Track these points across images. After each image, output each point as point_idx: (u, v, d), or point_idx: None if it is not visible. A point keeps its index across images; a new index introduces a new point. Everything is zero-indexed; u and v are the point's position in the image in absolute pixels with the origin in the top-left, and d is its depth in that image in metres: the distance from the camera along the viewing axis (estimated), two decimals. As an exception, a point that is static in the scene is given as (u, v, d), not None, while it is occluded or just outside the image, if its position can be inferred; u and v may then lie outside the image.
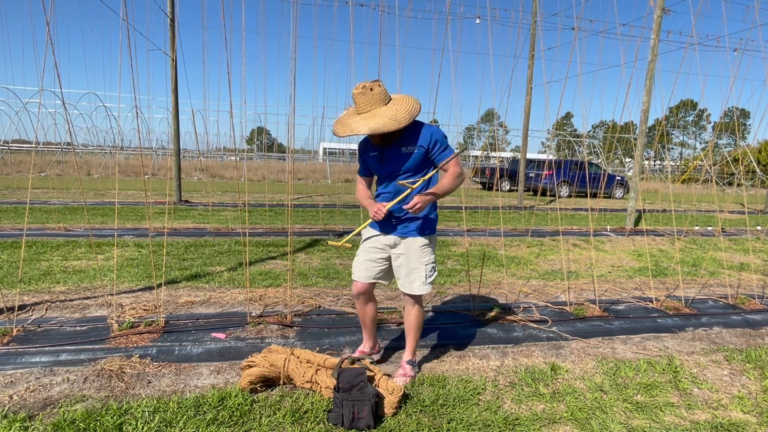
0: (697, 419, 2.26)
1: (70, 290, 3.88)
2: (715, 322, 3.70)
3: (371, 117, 2.16)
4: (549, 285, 4.69)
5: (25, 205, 8.70)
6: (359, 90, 2.17)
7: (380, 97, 2.19)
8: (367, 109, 2.19)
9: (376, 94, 2.18)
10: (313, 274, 4.68)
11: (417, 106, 2.22)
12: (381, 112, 2.16)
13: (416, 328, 2.52)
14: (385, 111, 2.17)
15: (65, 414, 2.04)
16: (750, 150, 25.87)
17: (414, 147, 2.26)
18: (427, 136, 2.25)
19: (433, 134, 2.26)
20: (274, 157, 32.24)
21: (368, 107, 2.18)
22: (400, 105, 2.20)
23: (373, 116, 2.15)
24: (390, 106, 2.20)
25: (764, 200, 14.87)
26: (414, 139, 2.25)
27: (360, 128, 2.13)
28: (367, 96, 2.17)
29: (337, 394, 2.08)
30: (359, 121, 2.17)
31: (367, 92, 2.16)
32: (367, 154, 2.40)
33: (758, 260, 6.42)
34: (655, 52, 8.18)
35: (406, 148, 2.26)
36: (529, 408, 2.29)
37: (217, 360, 2.68)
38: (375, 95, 2.17)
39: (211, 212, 8.96)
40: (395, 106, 2.20)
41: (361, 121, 2.17)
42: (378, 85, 2.19)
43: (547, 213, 11.19)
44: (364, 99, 2.18)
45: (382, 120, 2.13)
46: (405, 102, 2.23)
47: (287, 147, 7.26)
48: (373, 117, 2.15)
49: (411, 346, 2.56)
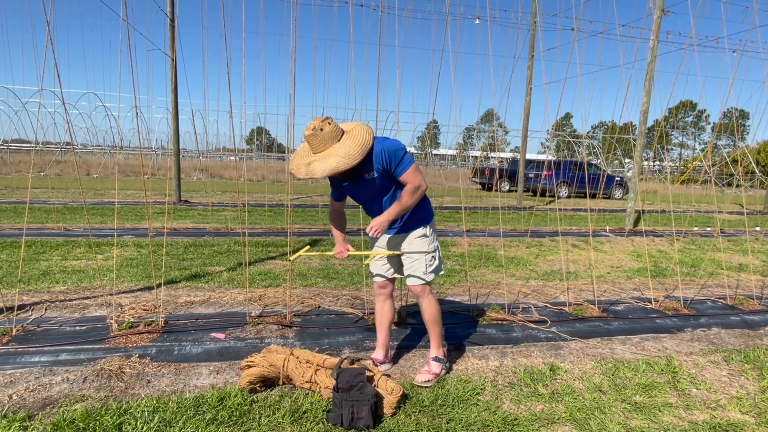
0: (696, 419, 2.26)
1: (69, 290, 3.88)
2: (714, 323, 3.71)
3: (326, 157, 2.17)
4: (548, 285, 4.70)
5: (25, 205, 8.69)
6: (310, 132, 2.18)
7: (331, 135, 2.19)
8: (321, 149, 2.20)
9: (327, 133, 2.18)
10: (312, 275, 4.69)
11: (369, 137, 2.22)
12: (335, 151, 2.17)
13: (434, 322, 2.54)
14: (338, 149, 2.17)
15: (65, 414, 2.04)
16: (749, 151, 25.91)
17: (373, 171, 2.29)
18: (379, 156, 2.25)
19: (383, 151, 2.24)
20: (273, 157, 32.24)
21: (322, 147, 2.19)
22: (352, 140, 2.20)
23: (327, 156, 2.17)
24: (343, 142, 2.20)
25: (763, 201, 14.90)
26: (370, 164, 2.26)
27: (317, 171, 2.15)
28: (319, 137, 2.17)
29: (336, 394, 2.08)
30: (315, 164, 2.18)
31: (318, 133, 2.17)
32: (340, 182, 2.43)
33: (757, 261, 6.43)
34: (655, 53, 8.19)
35: (368, 175, 2.30)
36: (528, 408, 2.30)
37: (216, 360, 2.68)
38: (326, 135, 2.18)
39: (211, 212, 8.96)
40: (348, 141, 2.20)
41: (317, 163, 2.18)
42: (328, 123, 2.19)
43: (546, 213, 11.20)
44: (316, 140, 2.18)
45: (336, 160, 2.14)
46: (357, 135, 2.22)
47: (287, 147, 7.28)
48: (328, 157, 2.16)
49: (434, 341, 2.58)
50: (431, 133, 43.86)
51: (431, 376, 2.47)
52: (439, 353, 2.57)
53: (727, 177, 27.06)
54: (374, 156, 2.24)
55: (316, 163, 2.17)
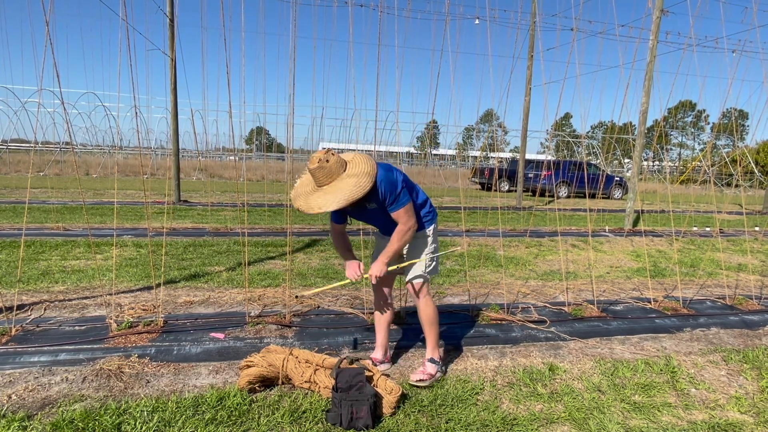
0: (695, 419, 2.27)
1: (68, 290, 3.88)
2: (713, 323, 3.72)
3: (336, 190, 2.15)
4: (547, 285, 4.70)
5: (24, 205, 8.69)
6: (316, 165, 2.15)
7: (337, 166, 2.18)
8: (327, 181, 2.18)
9: (333, 164, 2.16)
10: (311, 274, 4.69)
11: (373, 166, 2.22)
12: (343, 183, 2.16)
13: (430, 323, 2.54)
14: (347, 180, 2.16)
15: (64, 414, 2.04)
16: (748, 151, 25.93)
17: (374, 203, 2.30)
18: (379, 192, 2.24)
19: (381, 188, 2.24)
20: (273, 157, 32.24)
21: (328, 179, 2.17)
22: (358, 169, 2.19)
23: (337, 189, 2.15)
24: (349, 172, 2.19)
25: (762, 201, 14.91)
26: (373, 196, 2.26)
27: (329, 205, 2.13)
28: (325, 169, 2.16)
29: (335, 394, 2.08)
30: (324, 197, 2.16)
31: (324, 165, 2.15)
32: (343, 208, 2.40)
33: (756, 261, 6.43)
34: (654, 53, 8.20)
35: (369, 204, 2.32)
36: (527, 408, 2.30)
37: (215, 360, 2.68)
38: (332, 166, 2.16)
39: (210, 212, 8.96)
40: (354, 171, 2.19)
41: (326, 196, 2.15)
42: (332, 155, 2.18)
43: (545, 213, 11.20)
44: (322, 173, 2.17)
45: (347, 191, 2.13)
46: (361, 164, 2.22)
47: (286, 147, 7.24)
48: (337, 190, 2.14)
49: (430, 343, 2.57)
50: (431, 133, 43.88)
51: (425, 377, 2.46)
52: (434, 355, 2.56)
53: (727, 177, 27.08)
54: (376, 190, 2.23)
55: (327, 195, 2.15)
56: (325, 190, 2.18)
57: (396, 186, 2.25)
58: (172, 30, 9.54)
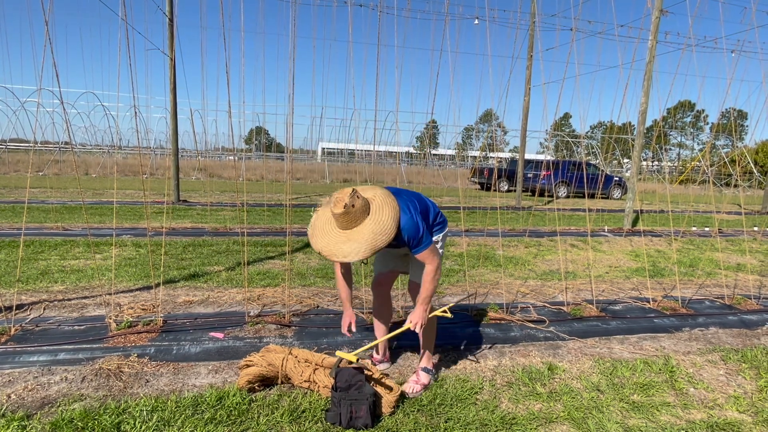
0: (693, 419, 2.27)
1: (68, 289, 3.88)
2: (712, 323, 3.72)
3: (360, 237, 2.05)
4: (547, 285, 4.71)
5: (23, 205, 8.68)
6: (342, 210, 2.04)
7: (362, 209, 2.08)
8: (352, 225, 2.08)
9: (359, 209, 2.07)
10: (311, 274, 4.69)
11: (396, 209, 2.15)
12: (368, 230, 2.06)
13: (427, 330, 2.46)
14: (371, 227, 2.07)
15: (63, 413, 2.04)
16: (747, 151, 25.96)
17: (395, 241, 2.21)
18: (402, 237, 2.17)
19: (405, 231, 2.16)
20: (272, 157, 32.22)
21: (353, 223, 2.08)
22: (383, 214, 2.11)
23: (361, 235, 2.06)
24: (373, 217, 2.10)
25: (761, 201, 14.93)
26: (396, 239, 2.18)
27: (355, 255, 2.04)
28: (351, 214, 2.06)
29: (334, 393, 2.08)
30: (349, 245, 2.06)
31: (350, 210, 2.05)
32: None
33: (755, 261, 6.44)
34: (653, 53, 8.21)
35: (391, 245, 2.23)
36: (527, 407, 2.30)
37: (215, 359, 2.69)
38: (358, 211, 2.06)
39: (210, 212, 8.96)
40: (379, 215, 2.10)
41: (350, 244, 2.06)
42: (357, 198, 2.07)
43: (545, 213, 11.21)
44: (348, 218, 2.06)
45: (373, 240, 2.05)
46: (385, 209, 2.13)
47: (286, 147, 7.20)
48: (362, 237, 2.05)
49: (426, 351, 2.51)
50: (430, 133, 43.87)
51: (419, 387, 2.40)
52: (428, 364, 2.51)
53: (726, 177, 27.11)
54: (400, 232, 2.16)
55: (352, 243, 2.06)
56: (348, 236, 2.08)
57: (418, 229, 2.18)
58: (172, 30, 9.54)
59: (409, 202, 2.25)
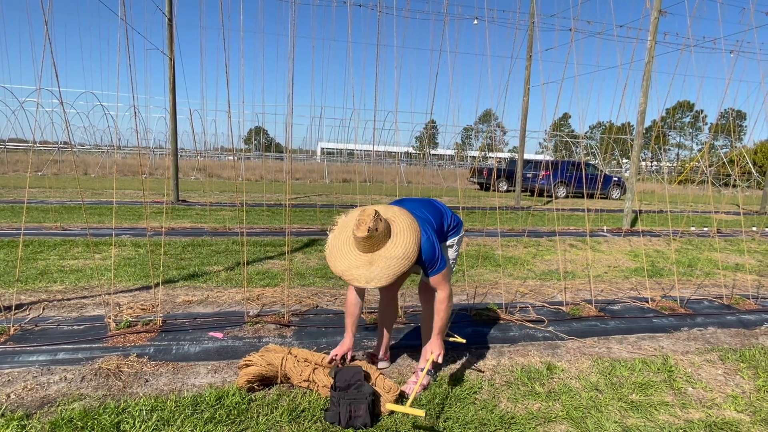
0: (692, 418, 2.28)
1: (67, 289, 3.88)
2: (710, 322, 3.73)
3: (382, 261, 2.02)
4: (546, 285, 4.71)
5: (22, 204, 8.67)
6: (365, 234, 1.99)
7: (384, 234, 2.05)
8: (374, 249, 2.05)
9: (381, 233, 2.03)
10: (310, 274, 4.69)
11: (418, 231, 2.12)
12: (390, 254, 2.03)
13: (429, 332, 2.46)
14: (393, 251, 2.03)
15: (63, 412, 2.05)
16: (746, 151, 26.00)
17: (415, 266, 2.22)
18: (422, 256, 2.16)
19: (423, 256, 2.15)
20: (272, 157, 32.22)
21: (375, 247, 2.04)
22: (405, 238, 2.08)
23: (383, 260, 2.03)
24: (395, 239, 2.07)
25: (760, 201, 14.95)
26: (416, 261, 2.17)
27: (378, 281, 2.01)
28: (374, 238, 2.02)
29: (333, 392, 2.09)
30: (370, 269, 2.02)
31: (374, 234, 2.01)
32: None
33: (753, 261, 6.46)
34: (652, 53, 8.22)
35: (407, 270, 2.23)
36: (525, 407, 2.31)
37: (214, 359, 2.69)
38: (381, 234, 2.02)
39: (209, 212, 8.96)
40: (400, 239, 2.07)
41: (372, 268, 2.02)
42: (380, 221, 2.03)
43: (544, 213, 11.22)
44: (370, 243, 2.03)
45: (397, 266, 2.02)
46: (407, 232, 2.10)
47: (285, 147, 7.20)
48: (384, 262, 2.02)
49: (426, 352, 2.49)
50: (429, 133, 43.89)
51: (419, 388, 2.39)
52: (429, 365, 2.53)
53: (724, 177, 27.14)
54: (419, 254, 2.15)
55: (374, 268, 2.03)
56: (370, 259, 2.04)
57: (435, 251, 2.16)
58: (171, 30, 9.54)
59: (426, 223, 2.22)
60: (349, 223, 2.19)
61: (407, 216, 2.18)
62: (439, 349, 2.26)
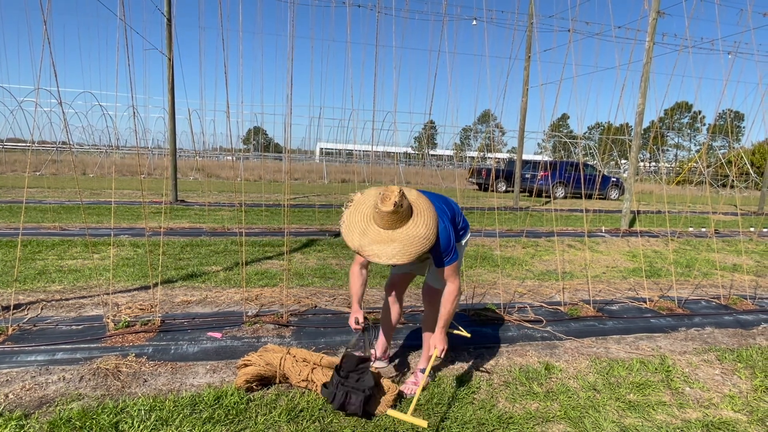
0: (689, 418, 2.29)
1: (65, 289, 3.88)
2: (708, 323, 3.74)
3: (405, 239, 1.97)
4: (544, 285, 4.72)
5: (21, 204, 8.66)
6: (391, 209, 1.94)
7: (408, 211, 2.01)
8: (395, 227, 2.00)
9: (406, 210, 1.99)
10: (309, 274, 4.70)
11: (436, 214, 2.09)
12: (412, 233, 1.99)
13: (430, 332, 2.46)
14: (415, 231, 1.99)
15: (61, 412, 2.05)
16: (744, 152, 26.06)
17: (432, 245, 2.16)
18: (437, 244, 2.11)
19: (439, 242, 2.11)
20: (270, 157, 32.20)
21: (397, 224, 2.00)
22: (426, 217, 2.04)
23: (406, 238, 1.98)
24: (416, 219, 2.03)
25: (757, 202, 14.99)
26: None
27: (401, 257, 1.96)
28: (399, 214, 1.97)
29: (336, 375, 2.10)
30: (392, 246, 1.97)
31: (399, 210, 1.96)
32: None
33: (751, 261, 6.47)
34: (650, 54, 8.24)
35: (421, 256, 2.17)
36: (523, 407, 2.31)
37: (213, 359, 2.69)
38: (405, 211, 1.99)
39: (208, 212, 8.95)
40: (420, 220, 2.03)
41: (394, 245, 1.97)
42: (403, 197, 2.00)
43: (542, 214, 11.23)
44: (395, 218, 1.98)
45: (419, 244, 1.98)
46: (427, 213, 2.07)
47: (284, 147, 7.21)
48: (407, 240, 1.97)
49: (427, 354, 2.50)
50: (428, 134, 43.91)
51: (416, 388, 2.37)
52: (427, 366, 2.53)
53: (722, 178, 27.20)
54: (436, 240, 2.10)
55: (396, 245, 1.98)
56: (391, 236, 1.99)
57: (450, 240, 2.14)
58: (170, 30, 9.53)
59: (443, 213, 2.20)
60: (366, 200, 2.13)
61: (427, 200, 2.15)
62: (443, 343, 2.23)
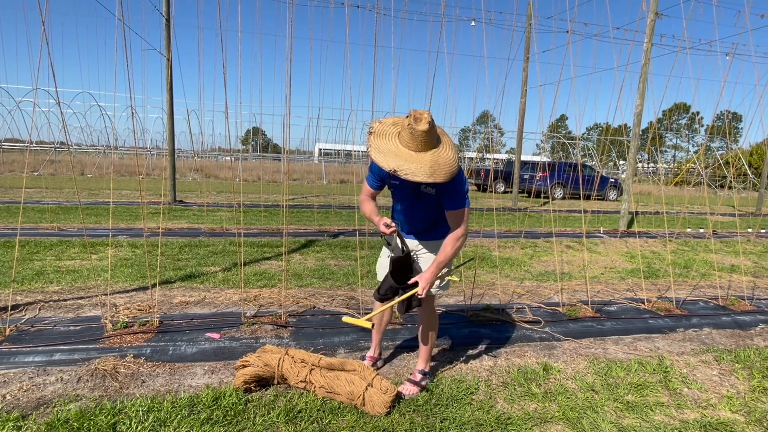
0: (687, 418, 2.29)
1: (63, 290, 3.87)
2: (706, 323, 3.75)
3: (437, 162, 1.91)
4: (542, 286, 4.73)
5: (19, 205, 8.64)
6: (426, 128, 1.88)
7: (436, 134, 1.96)
8: (425, 149, 1.93)
9: (435, 132, 1.94)
10: (307, 275, 4.69)
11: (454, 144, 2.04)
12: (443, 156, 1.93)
13: (429, 335, 2.45)
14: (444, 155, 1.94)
15: (59, 413, 2.04)
16: (741, 153, 26.13)
17: (433, 189, 2.13)
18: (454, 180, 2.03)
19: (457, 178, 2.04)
20: (269, 158, 32.17)
21: (427, 147, 1.93)
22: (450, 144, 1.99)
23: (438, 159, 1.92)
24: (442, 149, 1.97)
25: (755, 203, 15.03)
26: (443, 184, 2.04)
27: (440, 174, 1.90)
28: (430, 134, 1.91)
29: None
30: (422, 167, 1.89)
31: (433, 129, 1.91)
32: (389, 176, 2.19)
33: (748, 262, 6.49)
34: (648, 55, 8.26)
35: (424, 188, 2.15)
36: (522, 407, 2.32)
37: (211, 360, 2.69)
38: (435, 133, 1.94)
39: (206, 212, 8.94)
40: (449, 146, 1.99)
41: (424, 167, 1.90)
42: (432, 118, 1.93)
43: (541, 215, 11.25)
44: (427, 138, 1.91)
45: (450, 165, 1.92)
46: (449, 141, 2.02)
47: (283, 147, 7.23)
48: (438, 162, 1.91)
49: (424, 354, 2.49)
50: (427, 134, 43.72)
51: (416, 390, 2.39)
52: (426, 367, 2.50)
53: (720, 179, 27.27)
54: None
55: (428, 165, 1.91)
56: (422, 158, 1.91)
57: (466, 184, 2.09)
58: (168, 30, 9.52)
59: None
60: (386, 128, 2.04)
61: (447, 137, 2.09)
62: (426, 282, 2.11)
